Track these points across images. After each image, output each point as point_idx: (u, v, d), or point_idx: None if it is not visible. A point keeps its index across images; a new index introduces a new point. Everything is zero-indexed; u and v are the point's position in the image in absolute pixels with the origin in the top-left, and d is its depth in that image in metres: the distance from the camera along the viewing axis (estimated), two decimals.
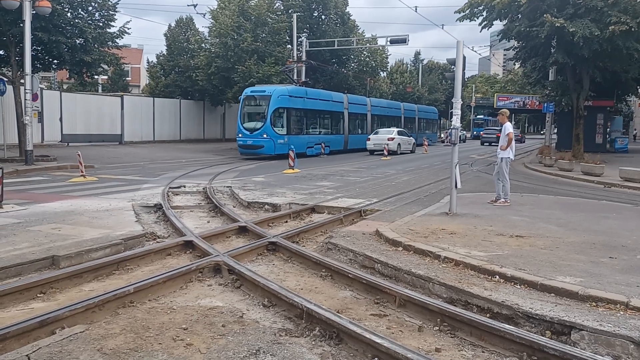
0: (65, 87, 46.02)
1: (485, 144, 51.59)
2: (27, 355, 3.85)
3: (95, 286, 5.80)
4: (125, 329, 4.51)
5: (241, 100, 27.21)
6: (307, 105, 28.59)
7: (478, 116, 75.44)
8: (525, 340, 4.19)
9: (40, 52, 21.40)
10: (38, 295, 5.40)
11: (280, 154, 25.05)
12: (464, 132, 66.17)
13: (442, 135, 59.14)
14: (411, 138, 36.50)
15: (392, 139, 31.72)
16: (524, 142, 64.99)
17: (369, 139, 32.46)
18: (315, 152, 28.61)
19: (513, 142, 11.07)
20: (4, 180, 9.87)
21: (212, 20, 38.78)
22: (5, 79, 20.15)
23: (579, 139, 26.08)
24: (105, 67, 25.60)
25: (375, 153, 31.05)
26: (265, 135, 25.49)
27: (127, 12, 39.66)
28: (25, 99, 18.84)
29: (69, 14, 21.33)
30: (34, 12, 18.03)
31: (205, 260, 6.38)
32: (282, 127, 26.41)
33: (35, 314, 4.56)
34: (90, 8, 22.35)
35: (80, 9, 22.06)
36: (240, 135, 26.39)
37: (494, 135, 49.45)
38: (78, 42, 21.53)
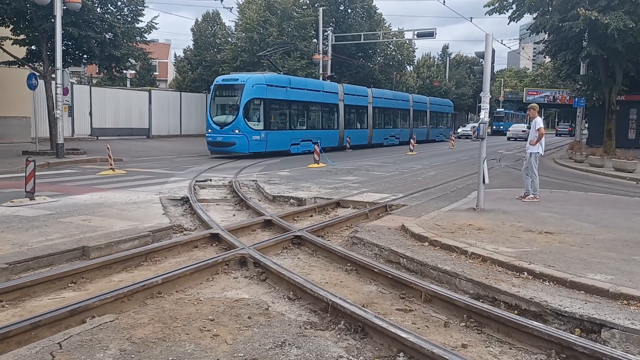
0: (94, 81, 46.83)
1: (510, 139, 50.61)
2: (58, 343, 3.93)
3: (124, 277, 5.90)
4: (154, 319, 4.58)
5: (211, 91, 23.64)
6: (291, 96, 24.83)
7: (498, 109, 72.04)
8: (554, 338, 4.12)
9: (70, 47, 21.80)
10: (69, 284, 5.52)
11: (256, 152, 22.46)
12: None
13: (459, 130, 55.34)
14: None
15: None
16: (574, 135, 63.41)
17: (509, 130, 44.17)
18: (302, 150, 25.06)
19: (543, 137, 10.89)
20: (36, 173, 10.09)
21: (239, 15, 39.00)
22: (37, 74, 20.57)
23: (610, 134, 25.50)
24: (134, 61, 25.95)
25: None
26: (237, 131, 21.84)
27: (156, 7, 40.25)
28: (56, 93, 19.24)
29: (98, 9, 21.69)
30: (65, 7, 18.36)
31: (231, 253, 6.43)
32: (258, 121, 22.74)
33: (66, 303, 4.66)
34: (119, 3, 22.69)
35: (109, 4, 22.42)
36: (209, 130, 22.82)
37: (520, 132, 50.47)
38: (107, 37, 21.86)
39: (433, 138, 42.76)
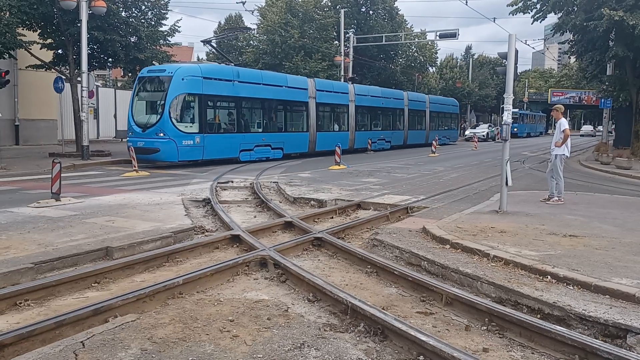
0: (119, 84, 47.52)
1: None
2: (81, 342, 3.99)
3: (146, 277, 5.97)
4: (174, 319, 4.62)
5: (134, 85, 19.71)
6: (239, 91, 20.35)
7: (512, 110, 68.25)
8: (578, 343, 4.04)
9: (96, 50, 22.20)
10: (93, 284, 5.61)
11: (189, 160, 18.42)
12: (493, 128, 56.37)
13: (467, 132, 51.85)
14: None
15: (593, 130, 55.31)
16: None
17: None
18: (256, 158, 21.19)
19: (569, 138, 10.72)
20: (62, 174, 10.28)
21: (260, 18, 39.25)
22: (64, 77, 20.98)
23: (638, 135, 24.99)
24: (157, 64, 26.25)
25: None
26: (161, 134, 17.55)
27: (180, 11, 40.72)
28: (82, 96, 19.63)
29: (123, 13, 22.04)
30: (90, 12, 18.71)
31: (252, 254, 6.46)
32: (192, 122, 18.46)
33: (89, 303, 4.74)
34: (143, 7, 23.01)
35: (133, 8, 22.76)
36: (130, 133, 18.58)
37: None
38: (132, 40, 22.22)
39: (438, 141, 38.28)
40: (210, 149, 18.84)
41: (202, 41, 25.29)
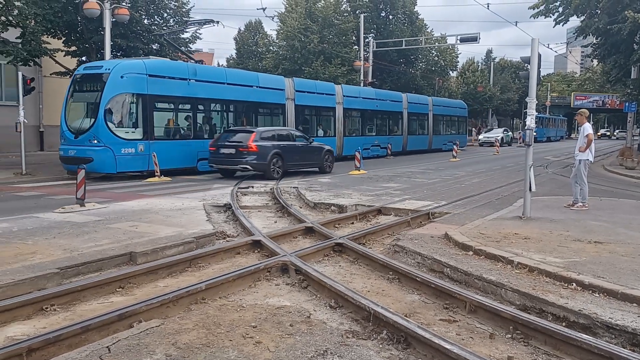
0: None
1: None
2: (107, 347, 4.04)
3: (170, 282, 6.02)
4: (198, 324, 4.65)
5: (69, 84, 16.96)
6: (197, 92, 17.75)
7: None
8: (605, 352, 3.97)
9: (119, 57, 22.50)
10: (117, 289, 5.67)
11: (130, 172, 15.85)
12: (509, 132, 54.73)
13: (481, 137, 49.92)
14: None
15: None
16: None
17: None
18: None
19: (593, 143, 10.56)
20: (86, 180, 10.44)
21: (280, 24, 39.47)
22: None
23: None
24: None
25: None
26: (95, 141, 15.06)
27: (202, 18, 41.15)
28: None
29: (145, 21, 22.36)
30: (114, 19, 19.02)
31: (273, 260, 6.48)
32: (134, 127, 16.01)
33: (114, 308, 4.80)
34: (165, 15, 23.32)
35: (156, 16, 23.07)
36: (62, 140, 16.00)
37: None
38: (154, 47, 22.52)
39: (438, 147, 35.51)
40: (159, 158, 15.99)
41: (151, 35, 22.87)
